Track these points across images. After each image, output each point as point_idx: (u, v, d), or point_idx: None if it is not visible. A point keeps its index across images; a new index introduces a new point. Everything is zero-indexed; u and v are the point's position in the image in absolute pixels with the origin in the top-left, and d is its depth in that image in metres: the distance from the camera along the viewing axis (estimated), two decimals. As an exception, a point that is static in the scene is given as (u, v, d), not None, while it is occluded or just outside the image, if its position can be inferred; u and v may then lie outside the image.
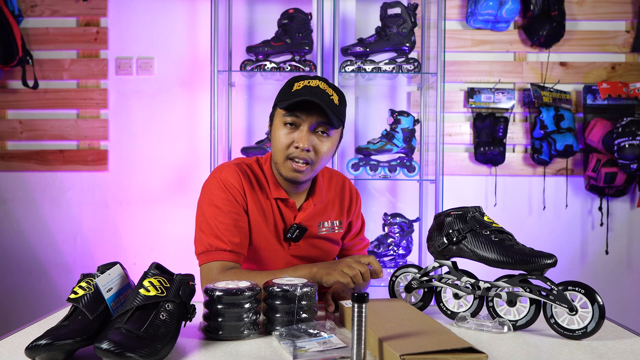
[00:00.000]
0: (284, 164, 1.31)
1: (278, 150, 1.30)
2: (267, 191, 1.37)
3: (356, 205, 1.52)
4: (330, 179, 1.49)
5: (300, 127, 1.28)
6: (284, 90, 1.32)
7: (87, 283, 0.99)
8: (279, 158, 1.31)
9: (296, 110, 1.27)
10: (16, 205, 2.73)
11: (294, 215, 1.39)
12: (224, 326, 1.01)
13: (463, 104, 2.74)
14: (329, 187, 1.48)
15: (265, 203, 1.37)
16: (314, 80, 1.30)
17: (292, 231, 1.36)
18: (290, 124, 1.28)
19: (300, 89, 1.27)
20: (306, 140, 1.27)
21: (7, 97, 2.72)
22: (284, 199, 1.37)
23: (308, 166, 1.30)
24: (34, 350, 0.86)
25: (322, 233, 1.42)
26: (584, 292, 1.02)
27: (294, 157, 1.29)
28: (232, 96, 2.64)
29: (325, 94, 1.26)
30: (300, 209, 1.40)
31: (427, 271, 1.22)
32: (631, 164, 2.49)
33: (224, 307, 1.01)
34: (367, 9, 2.66)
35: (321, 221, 1.43)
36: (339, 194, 1.48)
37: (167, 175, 2.70)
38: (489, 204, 2.73)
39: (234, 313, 1.01)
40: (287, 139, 1.29)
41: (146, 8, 2.71)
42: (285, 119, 1.28)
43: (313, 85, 1.27)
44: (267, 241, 1.37)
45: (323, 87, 1.28)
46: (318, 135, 1.29)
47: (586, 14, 2.73)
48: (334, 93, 1.29)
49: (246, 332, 1.02)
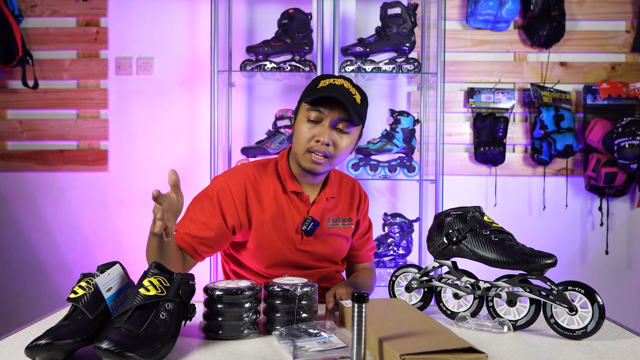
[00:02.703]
0: (304, 156, 1.36)
1: (300, 143, 1.36)
2: (280, 186, 1.43)
3: (364, 205, 1.58)
4: (341, 179, 1.56)
5: (322, 122, 1.34)
6: (310, 87, 1.39)
7: (86, 283, 0.99)
8: (300, 150, 1.37)
9: (319, 105, 1.33)
10: (16, 205, 2.73)
11: (307, 209, 1.43)
12: (224, 325, 1.01)
13: (463, 104, 2.74)
14: (340, 185, 1.54)
15: (279, 198, 1.42)
16: (339, 79, 1.36)
17: (307, 223, 1.41)
18: (313, 120, 1.34)
19: (326, 87, 1.34)
20: (327, 134, 1.33)
21: (7, 97, 2.72)
22: (299, 192, 1.42)
23: (327, 159, 1.36)
24: (34, 350, 0.86)
25: (332, 228, 1.47)
26: (584, 292, 1.02)
27: (314, 150, 1.34)
28: (232, 96, 2.64)
29: (348, 93, 1.33)
30: (313, 202, 1.45)
31: (427, 271, 1.22)
32: (631, 164, 2.49)
33: (224, 307, 1.01)
34: (367, 9, 2.66)
35: (331, 217, 1.47)
36: (349, 193, 1.54)
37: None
38: (489, 204, 2.73)
39: (234, 312, 1.01)
40: (309, 133, 1.34)
41: (146, 8, 2.71)
42: (309, 113, 1.34)
43: (338, 83, 1.34)
44: (285, 234, 1.41)
45: (347, 86, 1.34)
46: (338, 131, 1.35)
47: (586, 14, 2.73)
48: (357, 93, 1.35)
49: (246, 331, 1.02)
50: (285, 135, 2.39)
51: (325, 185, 1.48)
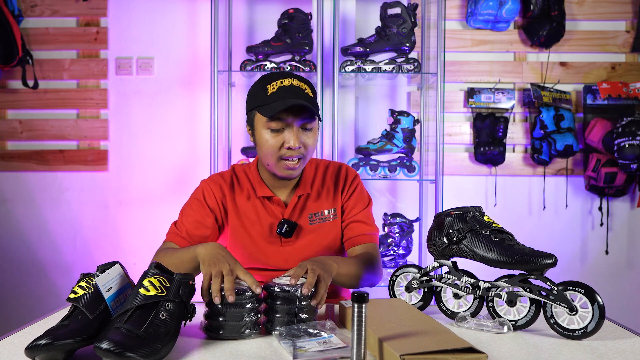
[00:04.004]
0: (277, 165, 1.34)
1: (269, 155, 1.33)
2: (251, 192, 1.43)
3: (349, 185, 1.46)
4: (326, 170, 1.49)
5: (287, 128, 1.30)
6: (258, 93, 1.32)
7: (86, 283, 0.99)
8: (271, 161, 1.33)
9: (279, 114, 1.28)
10: (16, 205, 2.73)
11: (281, 212, 1.42)
12: (225, 326, 1.01)
13: (463, 104, 2.74)
14: (324, 176, 1.47)
15: (252, 203, 1.42)
16: (286, 78, 1.30)
17: (280, 226, 1.39)
18: (275, 129, 1.30)
19: (276, 91, 1.28)
20: (297, 139, 1.30)
21: (7, 97, 2.72)
22: (269, 196, 1.41)
23: (300, 161, 1.34)
24: (34, 350, 0.86)
25: (313, 224, 1.43)
26: (584, 292, 1.02)
27: (286, 157, 1.32)
28: (232, 96, 2.64)
29: (300, 90, 1.29)
30: (287, 204, 1.43)
31: (427, 271, 1.22)
32: (631, 164, 2.49)
33: (226, 307, 1.01)
34: (367, 9, 2.66)
35: (312, 212, 1.43)
36: (334, 181, 1.47)
37: (167, 175, 2.70)
38: (489, 204, 2.73)
39: (236, 313, 1.01)
40: (277, 142, 1.31)
41: (146, 8, 2.71)
42: (270, 124, 1.29)
43: (287, 84, 1.28)
44: (259, 240, 1.41)
45: (296, 84, 1.29)
46: (304, 130, 1.33)
47: (586, 14, 2.73)
48: (307, 86, 1.31)
49: (247, 332, 1.02)
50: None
51: (299, 183, 1.44)
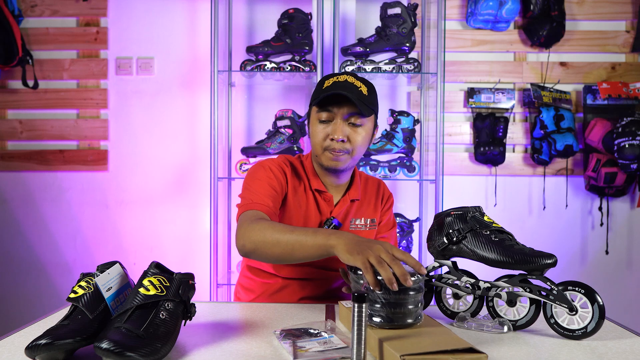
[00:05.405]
0: (323, 155, 1.39)
1: (316, 144, 1.40)
2: (306, 183, 1.46)
3: (387, 203, 1.59)
4: (367, 181, 1.58)
5: (334, 120, 1.36)
6: (316, 89, 1.41)
7: (86, 282, 0.99)
8: (318, 151, 1.40)
9: (327, 105, 1.35)
10: (16, 205, 2.73)
11: (330, 210, 1.46)
12: (407, 313, 0.95)
13: (463, 104, 2.74)
14: (366, 187, 1.55)
15: (304, 194, 1.45)
16: (342, 75, 1.39)
17: (328, 224, 1.42)
18: (324, 120, 1.37)
19: (330, 85, 1.36)
20: (340, 131, 1.35)
21: (7, 97, 2.72)
22: (322, 191, 1.45)
23: (346, 155, 1.38)
24: (34, 350, 0.86)
25: (354, 229, 1.48)
26: (584, 292, 1.02)
27: (331, 149, 1.37)
28: (232, 96, 2.64)
29: (353, 87, 1.34)
30: (337, 204, 1.47)
31: (427, 271, 1.22)
32: (631, 164, 2.49)
33: (402, 294, 0.94)
34: (367, 9, 2.67)
35: (354, 218, 1.49)
36: (375, 194, 1.56)
37: (167, 175, 2.70)
38: (489, 204, 2.73)
39: (416, 297, 0.96)
40: (323, 133, 1.37)
41: (146, 8, 2.71)
42: (319, 115, 1.37)
43: (341, 80, 1.36)
44: None
45: (351, 80, 1.36)
46: (351, 125, 1.37)
47: (586, 14, 2.74)
48: (362, 85, 1.37)
49: (420, 317, 0.98)
50: (285, 135, 2.39)
51: (350, 187, 1.50)
